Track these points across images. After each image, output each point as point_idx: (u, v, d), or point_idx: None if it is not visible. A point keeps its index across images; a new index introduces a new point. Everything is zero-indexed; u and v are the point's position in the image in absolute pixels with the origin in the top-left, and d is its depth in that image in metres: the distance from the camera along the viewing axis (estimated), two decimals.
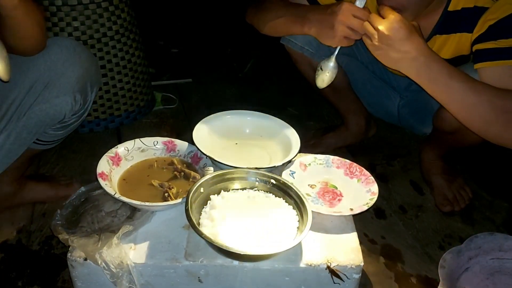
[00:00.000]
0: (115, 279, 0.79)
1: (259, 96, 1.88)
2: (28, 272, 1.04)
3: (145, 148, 1.01)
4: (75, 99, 0.97)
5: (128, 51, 1.56)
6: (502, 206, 1.34)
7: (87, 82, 0.99)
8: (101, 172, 0.90)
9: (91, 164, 1.23)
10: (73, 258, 0.80)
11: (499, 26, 0.95)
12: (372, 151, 1.54)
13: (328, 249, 0.84)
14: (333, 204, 0.96)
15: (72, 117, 1.03)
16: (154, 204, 0.86)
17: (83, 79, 0.98)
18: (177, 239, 0.84)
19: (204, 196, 0.87)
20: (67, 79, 0.95)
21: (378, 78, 1.45)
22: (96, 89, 1.05)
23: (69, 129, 1.06)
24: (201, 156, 0.99)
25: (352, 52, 1.37)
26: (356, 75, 1.43)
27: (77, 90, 0.97)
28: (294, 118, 1.52)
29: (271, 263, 0.81)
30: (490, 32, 0.96)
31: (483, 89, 0.88)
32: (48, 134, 1.03)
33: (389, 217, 1.27)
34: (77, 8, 1.41)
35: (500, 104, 0.87)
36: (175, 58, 2.26)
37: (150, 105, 1.74)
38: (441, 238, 1.20)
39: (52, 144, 1.08)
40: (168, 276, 0.82)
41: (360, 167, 1.03)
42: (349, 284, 0.83)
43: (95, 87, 1.03)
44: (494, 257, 1.00)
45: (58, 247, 1.09)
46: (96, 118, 1.57)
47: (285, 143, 1.06)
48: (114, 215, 0.88)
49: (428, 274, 1.09)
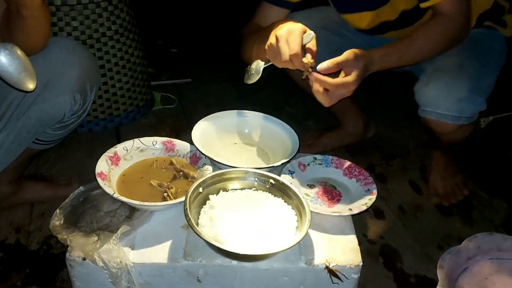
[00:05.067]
0: (114, 279, 0.79)
1: (259, 96, 1.88)
2: (27, 271, 1.03)
3: (144, 148, 1.01)
4: (74, 99, 0.97)
5: (127, 51, 1.55)
6: (501, 206, 1.34)
7: (86, 82, 0.99)
8: (100, 172, 0.90)
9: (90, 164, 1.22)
10: (72, 258, 0.80)
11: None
12: (371, 151, 1.55)
13: (327, 249, 0.84)
14: (332, 204, 0.96)
15: (72, 117, 1.03)
16: (153, 204, 0.86)
17: (83, 79, 0.97)
18: (176, 239, 0.84)
19: (203, 196, 0.87)
20: (66, 79, 0.95)
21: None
22: (96, 89, 1.05)
23: (68, 129, 1.06)
24: (200, 156, 0.99)
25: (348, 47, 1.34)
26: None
27: (77, 90, 0.97)
28: (293, 118, 1.52)
29: (270, 263, 0.81)
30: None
31: (415, 40, 1.02)
32: (47, 134, 1.03)
33: (388, 217, 1.27)
34: (76, 8, 1.41)
35: (426, 39, 1.02)
36: (174, 58, 2.26)
37: (149, 105, 1.74)
38: (440, 238, 1.21)
39: (51, 144, 1.08)
40: (167, 276, 0.82)
41: (359, 167, 1.03)
42: (348, 284, 0.83)
43: (94, 87, 1.03)
44: (492, 257, 1.00)
45: (57, 247, 1.09)
46: (95, 118, 1.57)
47: (284, 143, 1.06)
48: (113, 215, 0.88)
49: (427, 274, 1.09)
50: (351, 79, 0.89)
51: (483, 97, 1.09)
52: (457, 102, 1.07)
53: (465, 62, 1.10)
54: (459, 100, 1.07)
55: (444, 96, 1.08)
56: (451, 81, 1.07)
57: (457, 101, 1.07)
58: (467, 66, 1.09)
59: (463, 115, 1.09)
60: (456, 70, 1.08)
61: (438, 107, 1.09)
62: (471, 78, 1.08)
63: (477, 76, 1.09)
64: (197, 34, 2.56)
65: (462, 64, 1.09)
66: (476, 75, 1.09)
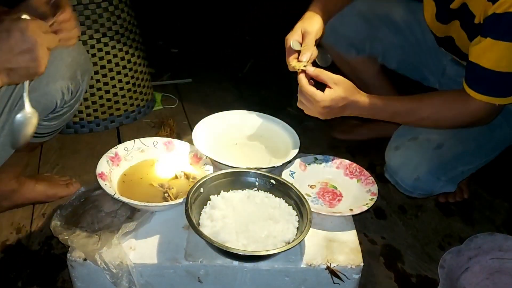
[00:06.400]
0: (115, 280, 0.79)
1: (259, 96, 1.88)
2: (28, 272, 1.04)
3: (145, 148, 1.01)
4: (65, 87, 0.97)
5: (128, 51, 1.55)
6: (502, 206, 1.34)
7: (76, 70, 0.99)
8: (101, 172, 0.90)
9: (91, 164, 1.23)
10: (72, 259, 0.80)
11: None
12: (372, 151, 1.54)
13: (328, 250, 0.84)
14: (333, 205, 0.96)
15: (64, 107, 1.02)
16: (154, 204, 0.86)
17: (72, 67, 0.97)
18: (177, 239, 0.84)
19: (204, 196, 0.87)
20: (55, 68, 0.94)
21: (411, 62, 1.33)
22: (87, 78, 1.04)
23: (62, 119, 1.05)
24: (201, 156, 0.99)
25: (378, 39, 1.29)
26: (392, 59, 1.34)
27: (67, 77, 0.96)
28: (293, 118, 1.51)
29: (270, 263, 0.81)
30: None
31: (416, 109, 0.98)
32: (41, 125, 1.03)
33: (389, 217, 1.27)
34: (77, 8, 1.41)
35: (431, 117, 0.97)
36: (175, 58, 2.26)
37: (150, 105, 1.74)
38: (441, 238, 1.20)
39: (46, 136, 1.08)
40: (168, 276, 0.82)
41: (360, 167, 1.03)
42: (349, 284, 0.83)
43: (85, 76, 1.03)
44: (494, 257, 1.00)
45: (58, 248, 1.09)
46: (96, 118, 1.57)
47: (284, 143, 1.06)
48: (114, 216, 0.88)
49: (428, 274, 1.09)
50: (319, 96, 0.92)
51: (447, 182, 1.03)
52: (413, 179, 1.01)
53: (447, 142, 1.02)
54: (416, 179, 1.01)
55: (404, 168, 1.02)
56: (417, 158, 1.01)
57: (413, 179, 1.01)
58: (446, 148, 1.01)
59: (416, 191, 1.04)
60: (430, 148, 1.01)
61: (396, 174, 1.04)
62: (441, 161, 1.01)
63: (451, 161, 1.02)
64: (197, 35, 2.56)
65: (442, 144, 1.01)
66: (450, 160, 1.02)
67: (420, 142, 1.03)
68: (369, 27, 1.26)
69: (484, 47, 0.87)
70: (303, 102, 0.96)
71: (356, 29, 1.25)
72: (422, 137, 1.03)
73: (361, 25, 1.25)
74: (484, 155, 1.06)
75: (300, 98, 0.96)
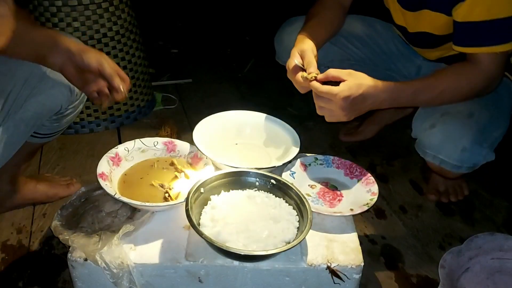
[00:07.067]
0: (115, 280, 0.79)
1: (259, 96, 1.88)
2: (29, 272, 1.04)
3: (146, 148, 1.01)
4: (70, 89, 0.97)
5: (128, 52, 1.56)
6: (502, 206, 1.34)
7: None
8: (101, 172, 0.90)
9: (91, 164, 1.23)
10: (73, 259, 0.80)
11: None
12: (372, 151, 1.55)
13: (328, 249, 0.84)
14: (333, 204, 0.96)
15: (69, 108, 1.02)
16: (154, 204, 0.86)
17: None
18: (177, 240, 0.84)
19: (204, 197, 0.87)
20: None
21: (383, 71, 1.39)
22: None
23: (66, 120, 1.05)
24: (201, 157, 0.99)
25: (346, 57, 1.33)
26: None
27: None
28: (294, 118, 1.52)
29: (271, 263, 0.81)
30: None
31: (434, 83, 1.00)
32: (45, 126, 1.03)
33: (389, 217, 1.27)
34: (77, 9, 1.41)
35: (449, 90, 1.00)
36: (175, 59, 2.26)
37: (150, 106, 1.74)
38: (441, 238, 1.20)
39: (49, 137, 1.08)
40: (168, 276, 0.82)
41: (360, 167, 1.03)
42: (350, 284, 0.83)
43: None
44: (494, 257, 1.00)
45: (58, 248, 1.09)
46: (97, 118, 1.57)
47: (285, 143, 1.06)
48: (114, 216, 0.88)
49: (428, 274, 1.09)
50: (336, 89, 0.91)
51: (489, 149, 1.03)
52: (460, 151, 1.01)
53: (476, 110, 1.04)
54: (463, 149, 1.01)
55: (448, 143, 1.02)
56: (458, 129, 1.02)
57: (460, 151, 1.01)
58: (477, 115, 1.03)
59: (464, 164, 1.03)
60: (465, 118, 1.02)
61: (439, 153, 1.04)
62: (479, 128, 1.02)
63: (486, 127, 1.03)
64: (197, 35, 2.56)
65: (472, 112, 1.03)
66: (485, 126, 1.03)
67: (454, 114, 1.03)
68: (337, 49, 1.29)
69: (469, 4, 0.92)
70: (323, 105, 0.94)
71: (326, 52, 1.24)
72: (453, 110, 1.04)
73: (330, 47, 1.26)
74: (505, 118, 1.10)
75: (318, 102, 0.95)
